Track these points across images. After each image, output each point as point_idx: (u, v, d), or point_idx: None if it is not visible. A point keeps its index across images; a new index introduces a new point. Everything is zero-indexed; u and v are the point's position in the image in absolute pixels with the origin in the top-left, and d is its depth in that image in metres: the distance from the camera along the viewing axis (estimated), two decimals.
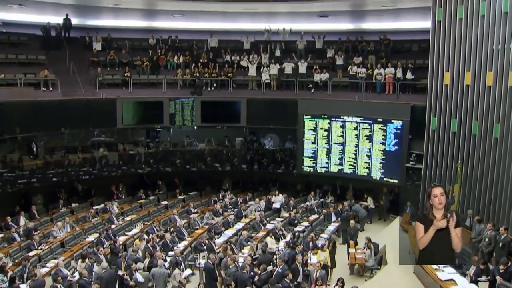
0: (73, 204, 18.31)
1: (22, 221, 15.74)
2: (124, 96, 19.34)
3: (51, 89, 17.61)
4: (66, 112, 17.56)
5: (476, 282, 10.69)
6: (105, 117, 18.99)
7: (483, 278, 11.00)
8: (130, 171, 20.48)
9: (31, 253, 13.60)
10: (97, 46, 20.89)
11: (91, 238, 15.30)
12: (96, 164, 19.87)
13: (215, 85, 20.88)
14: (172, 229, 16.17)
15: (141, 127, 21.35)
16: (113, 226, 16.05)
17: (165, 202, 19.58)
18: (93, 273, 12.17)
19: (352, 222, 15.99)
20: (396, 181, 18.42)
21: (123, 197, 19.68)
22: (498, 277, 10.46)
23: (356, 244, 15.28)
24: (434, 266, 11.33)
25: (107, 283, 11.54)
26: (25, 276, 11.96)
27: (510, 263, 10.64)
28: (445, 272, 10.99)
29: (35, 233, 14.73)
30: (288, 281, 11.72)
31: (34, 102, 16.80)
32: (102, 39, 21.21)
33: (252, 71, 20.74)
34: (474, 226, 13.04)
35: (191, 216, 17.69)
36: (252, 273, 12.27)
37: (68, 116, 17.79)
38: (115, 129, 20.07)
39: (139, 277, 11.88)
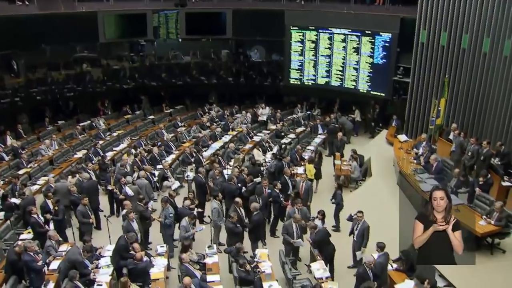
0: (59, 122, 18.29)
1: (9, 140, 15.75)
2: (105, 9, 18.50)
3: (27, 3, 16.79)
4: (46, 27, 16.82)
5: (456, 193, 11.07)
6: (87, 32, 18.27)
7: (463, 189, 11.39)
8: (115, 87, 20.21)
9: (21, 171, 13.81)
10: None
11: (79, 154, 15.50)
12: (80, 81, 19.53)
13: None
14: (159, 143, 16.37)
15: (124, 41, 20.71)
16: (100, 142, 16.21)
17: (151, 117, 19.63)
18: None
19: (339, 134, 16.19)
20: (383, 94, 18.43)
21: (109, 113, 19.66)
22: (477, 189, 10.82)
23: (342, 156, 15.61)
24: (417, 178, 11.71)
25: (89, 193, 11.82)
26: (16, 194, 12.20)
27: (489, 175, 10.97)
28: (428, 183, 11.37)
29: (22, 152, 14.85)
30: (277, 191, 12.12)
31: (10, 18, 16.06)
32: None
33: None
34: (454, 138, 13.26)
35: (178, 129, 17.85)
36: (239, 185, 12.62)
37: (48, 32, 17.05)
38: (98, 44, 19.48)
39: (129, 190, 12.14)
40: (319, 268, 9.40)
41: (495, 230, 9.28)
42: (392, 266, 9.38)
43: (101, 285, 8.95)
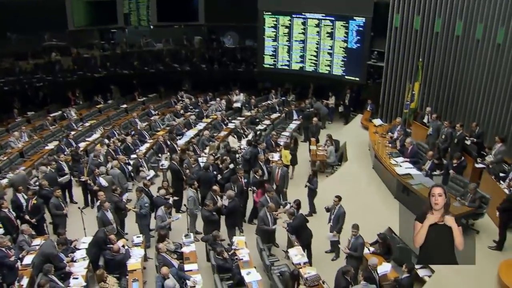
0: (29, 113, 17.82)
1: None
2: None
3: None
4: (11, 15, 16.31)
5: (431, 176, 11.22)
6: (55, 19, 17.82)
7: (437, 172, 11.56)
8: (86, 76, 19.81)
9: None
10: None
11: (50, 146, 15.15)
12: (50, 70, 19.02)
13: None
14: (133, 132, 16.16)
15: (94, 28, 20.29)
16: (72, 133, 15.85)
17: (124, 106, 19.32)
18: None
19: (314, 119, 16.19)
20: (357, 79, 18.48)
21: (81, 102, 19.26)
22: (451, 171, 10.99)
23: (317, 141, 15.65)
24: (392, 161, 11.83)
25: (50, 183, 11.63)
26: None
27: (463, 157, 11.15)
28: (403, 167, 11.51)
29: None
30: (258, 177, 12.07)
31: None
32: None
33: None
34: (431, 122, 13.40)
35: (152, 118, 17.61)
36: (215, 172, 12.54)
37: (14, 19, 16.55)
38: (67, 32, 18.98)
39: (103, 181, 11.94)
40: (296, 254, 9.43)
41: (469, 212, 9.45)
42: (369, 249, 9.49)
43: (77, 278, 8.79)
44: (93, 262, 9.35)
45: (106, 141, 15.10)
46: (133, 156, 14.29)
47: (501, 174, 10.74)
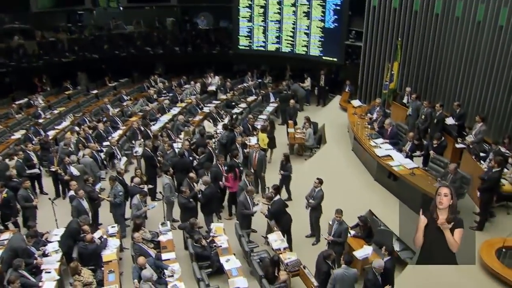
0: None
1: None
2: None
3: None
4: None
5: (411, 157, 11.34)
6: (16, 1, 17.29)
7: (418, 153, 11.69)
8: (53, 61, 19.33)
9: None
10: None
11: (17, 135, 14.81)
12: (13, 55, 18.53)
13: None
14: (104, 118, 15.91)
15: (59, 10, 19.78)
16: (40, 121, 15.51)
17: (95, 91, 19.01)
18: None
19: (292, 101, 16.20)
20: (335, 59, 18.51)
21: (48, 89, 18.85)
22: (431, 152, 11.11)
23: (295, 124, 15.67)
24: (372, 143, 11.91)
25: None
26: None
27: (443, 138, 11.27)
28: (382, 148, 11.59)
29: None
30: (237, 161, 12.07)
31: None
32: None
33: None
34: (411, 103, 13.51)
35: (124, 103, 17.40)
36: (191, 158, 12.47)
37: None
38: (30, 14, 18.46)
39: (74, 170, 11.76)
40: (276, 239, 9.48)
41: None
42: (350, 233, 9.58)
43: (49, 272, 8.65)
44: (67, 255, 9.23)
45: (77, 128, 14.83)
46: (105, 143, 14.11)
47: (482, 154, 10.89)
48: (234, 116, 16.08)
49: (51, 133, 14.93)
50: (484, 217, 9.10)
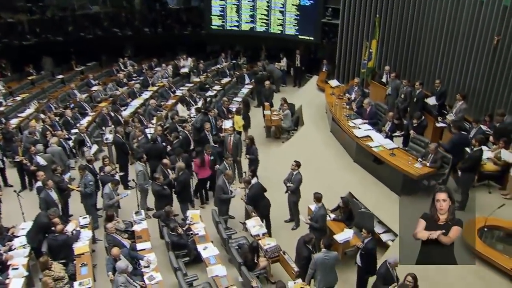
0: None
1: None
2: None
3: None
4: None
5: (391, 137, 11.40)
6: None
7: (398, 133, 11.76)
8: (12, 43, 18.73)
9: None
10: None
11: None
12: None
13: None
14: (72, 105, 15.59)
15: None
16: (1, 109, 15.10)
17: (60, 76, 18.57)
18: None
19: (267, 83, 16.10)
20: (311, 38, 18.45)
21: (9, 74, 18.31)
22: (411, 131, 11.20)
23: (271, 105, 15.61)
24: (351, 123, 11.94)
25: None
26: None
27: (423, 117, 11.36)
28: (362, 129, 11.62)
29: None
30: (217, 145, 12.04)
31: None
32: None
33: None
34: (390, 82, 13.57)
35: (93, 88, 17.08)
36: (164, 143, 12.36)
37: None
38: None
39: (40, 160, 11.52)
40: (255, 225, 9.50)
41: (431, 172, 9.68)
42: (330, 216, 9.64)
43: (17, 268, 8.48)
44: (35, 250, 9.07)
45: (42, 116, 14.50)
46: (74, 131, 13.85)
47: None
48: (208, 99, 15.94)
49: (14, 121, 14.49)
50: (465, 197, 9.24)
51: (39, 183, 10.25)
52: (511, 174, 9.47)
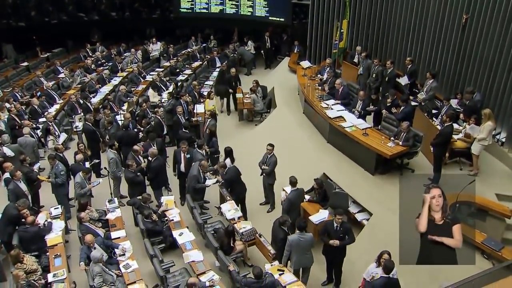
0: None
1: None
2: None
3: None
4: None
5: (364, 116, 11.51)
6: None
7: (371, 107, 11.87)
8: None
9: None
10: None
11: None
12: None
13: None
14: (39, 93, 15.27)
15: None
16: None
17: (25, 64, 18.12)
18: None
19: (232, 70, 15.61)
20: (282, 19, 18.40)
21: None
22: (383, 110, 11.31)
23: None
24: (323, 104, 12.01)
25: None
26: None
27: (396, 96, 11.48)
28: (334, 109, 11.70)
29: None
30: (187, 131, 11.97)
31: None
32: None
33: None
34: (361, 61, 13.65)
35: (60, 75, 16.75)
36: (135, 130, 12.24)
37: None
38: None
39: (8, 150, 11.31)
40: (230, 209, 9.52)
41: (404, 151, 9.84)
42: (305, 198, 9.73)
43: None
44: (5, 243, 8.93)
45: (7, 105, 14.14)
46: (41, 119, 13.58)
47: (434, 111, 11.23)
48: (179, 84, 15.80)
49: None
50: (438, 173, 9.42)
51: (6, 175, 10.02)
52: (472, 151, 9.72)
